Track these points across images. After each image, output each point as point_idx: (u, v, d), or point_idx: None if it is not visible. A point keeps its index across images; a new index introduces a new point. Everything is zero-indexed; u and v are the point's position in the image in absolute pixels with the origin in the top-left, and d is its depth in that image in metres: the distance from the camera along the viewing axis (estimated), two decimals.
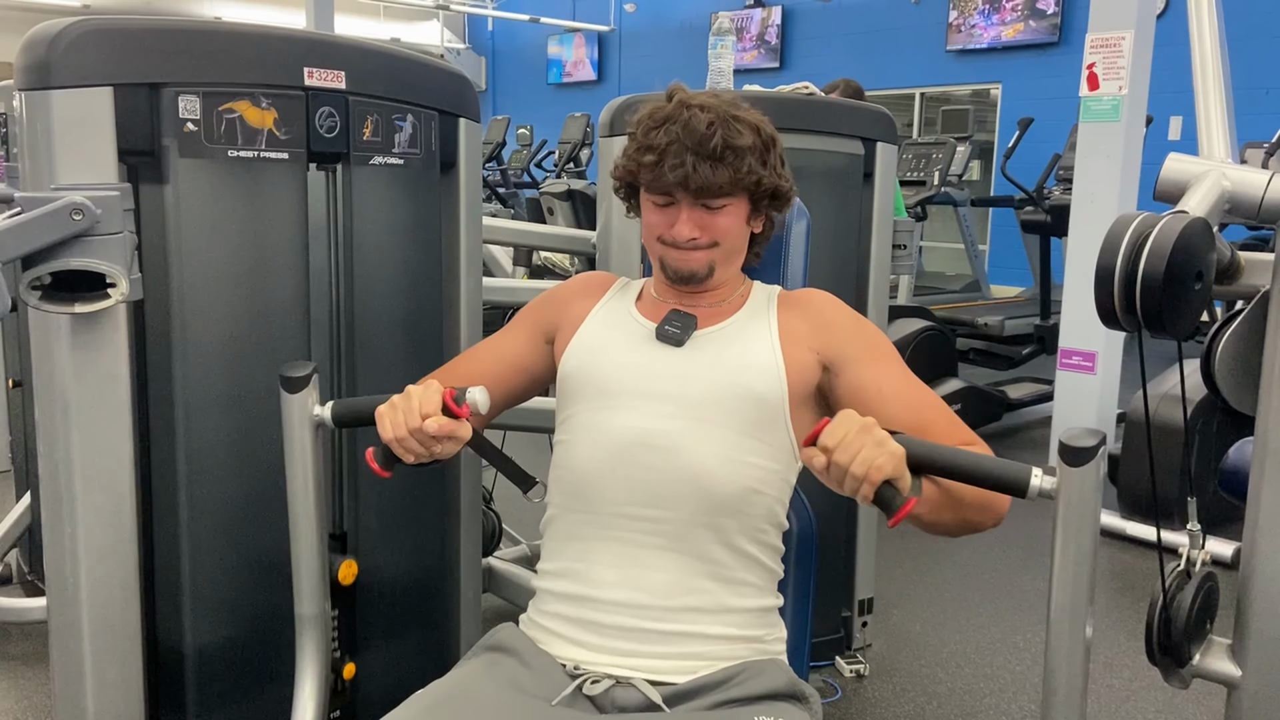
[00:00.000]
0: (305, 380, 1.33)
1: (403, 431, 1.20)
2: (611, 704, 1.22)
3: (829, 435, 1.07)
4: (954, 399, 4.19)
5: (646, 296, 1.44)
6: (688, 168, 1.28)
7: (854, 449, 1.05)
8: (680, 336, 1.34)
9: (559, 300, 1.48)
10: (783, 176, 1.37)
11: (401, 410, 1.21)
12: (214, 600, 1.49)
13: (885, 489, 1.06)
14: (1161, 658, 1.27)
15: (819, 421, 1.09)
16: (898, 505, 1.06)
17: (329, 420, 1.34)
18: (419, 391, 1.22)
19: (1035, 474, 1.06)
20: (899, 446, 1.07)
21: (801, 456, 1.10)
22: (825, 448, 1.07)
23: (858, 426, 1.07)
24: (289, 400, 1.33)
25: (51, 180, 1.28)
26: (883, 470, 1.05)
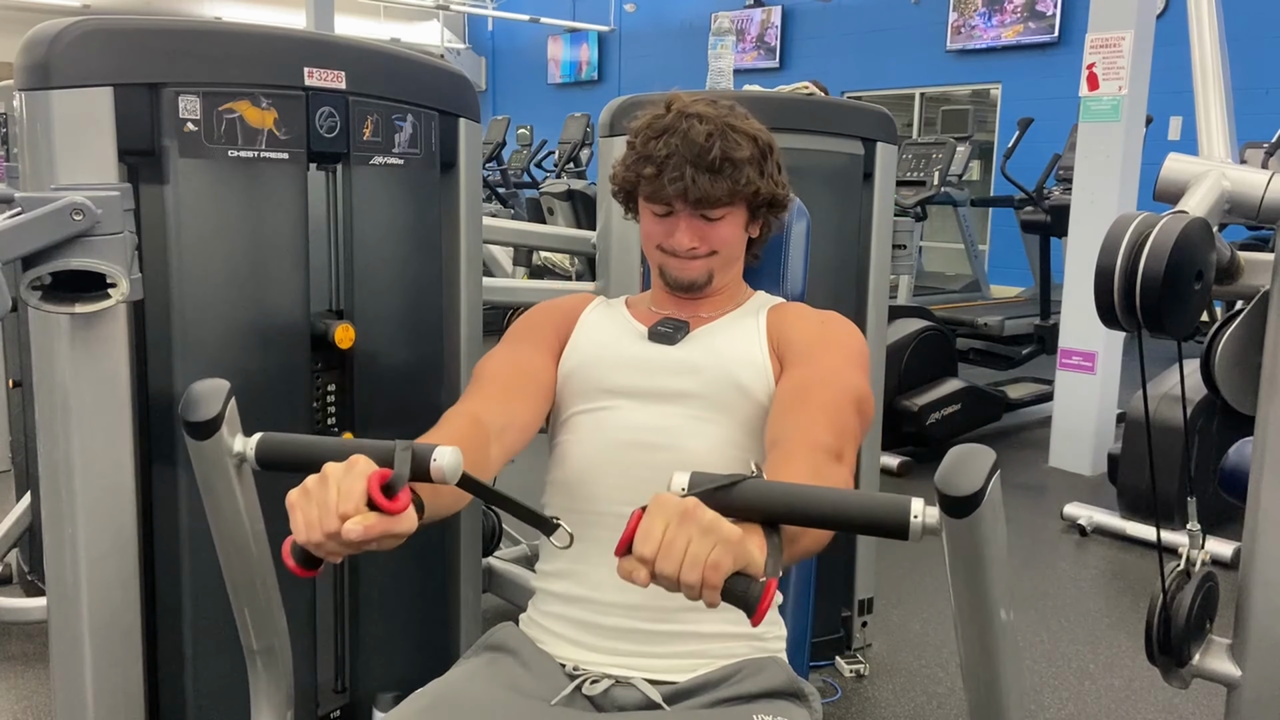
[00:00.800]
0: (218, 421, 1.05)
1: (317, 534, 0.91)
2: (611, 703, 1.22)
3: (642, 542, 0.83)
4: (954, 399, 4.19)
5: (639, 306, 1.46)
6: (687, 180, 1.28)
7: (678, 550, 0.82)
8: (673, 336, 1.36)
9: (565, 307, 1.48)
10: (780, 184, 1.39)
11: (316, 503, 0.92)
12: (214, 599, 1.49)
13: (735, 582, 0.83)
14: (1161, 658, 1.27)
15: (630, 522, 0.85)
16: (754, 598, 0.82)
17: (252, 459, 1.07)
18: (338, 475, 0.92)
19: (915, 512, 0.84)
20: (733, 529, 0.83)
21: (619, 571, 0.85)
22: (642, 558, 0.83)
23: (676, 516, 0.82)
24: (199, 448, 1.07)
25: (52, 180, 1.28)
26: (719, 568, 0.81)
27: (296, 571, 0.97)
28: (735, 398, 1.30)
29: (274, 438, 1.07)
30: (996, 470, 0.80)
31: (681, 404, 1.30)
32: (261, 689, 1.29)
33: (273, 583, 1.21)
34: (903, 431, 4.10)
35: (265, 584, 1.21)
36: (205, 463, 1.08)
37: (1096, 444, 4.05)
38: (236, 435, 1.07)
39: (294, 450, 1.05)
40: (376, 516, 0.91)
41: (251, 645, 1.26)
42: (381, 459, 0.96)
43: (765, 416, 1.29)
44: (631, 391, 1.32)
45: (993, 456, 0.81)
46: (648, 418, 1.30)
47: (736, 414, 1.29)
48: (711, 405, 1.30)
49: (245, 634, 1.25)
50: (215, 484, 1.10)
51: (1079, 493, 3.74)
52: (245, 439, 1.07)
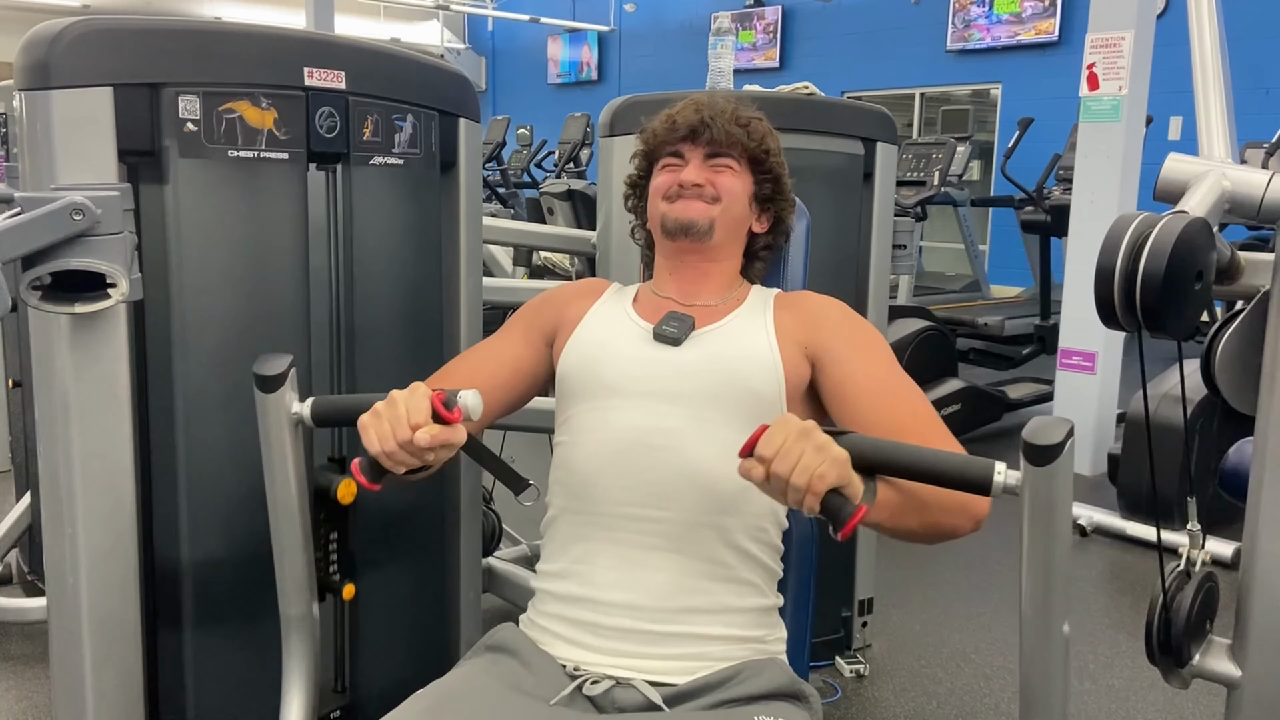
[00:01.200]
0: (282, 378, 1.25)
1: (391, 444, 1.11)
2: (611, 704, 1.22)
3: (765, 444, 0.99)
4: (954, 399, 4.19)
5: (644, 297, 1.44)
6: (704, 117, 1.37)
7: (793, 457, 0.97)
8: (678, 336, 1.34)
9: (557, 302, 1.48)
10: (785, 174, 1.44)
11: (388, 420, 1.12)
12: (214, 600, 1.49)
13: (832, 498, 0.97)
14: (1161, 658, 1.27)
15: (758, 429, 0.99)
16: (846, 515, 0.96)
17: (308, 419, 1.26)
18: (405, 397, 1.13)
19: (999, 470, 0.96)
20: (842, 450, 0.98)
21: (740, 469, 1.00)
22: (762, 457, 0.99)
23: (796, 432, 0.99)
24: (264, 400, 1.26)
25: (51, 180, 1.28)
26: (825, 479, 0.97)
27: (364, 484, 1.15)
28: (742, 398, 1.29)
29: (326, 399, 1.28)
30: (1072, 435, 0.93)
31: (685, 405, 1.29)
32: (294, 655, 1.40)
33: (310, 551, 1.38)
34: None
35: (306, 549, 1.36)
36: (268, 416, 1.27)
37: (1096, 444, 4.05)
38: (294, 400, 1.26)
39: (344, 407, 1.25)
40: (440, 427, 1.12)
41: (288, 610, 1.38)
42: None
43: (772, 413, 1.29)
44: (635, 393, 1.32)
45: (1070, 424, 0.93)
46: (651, 419, 1.29)
47: (743, 414, 1.29)
48: (716, 407, 1.29)
49: (284, 599, 1.37)
50: (274, 438, 1.28)
51: (1079, 493, 3.74)
52: (301, 403, 1.27)
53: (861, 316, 1.42)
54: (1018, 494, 0.95)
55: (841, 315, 1.39)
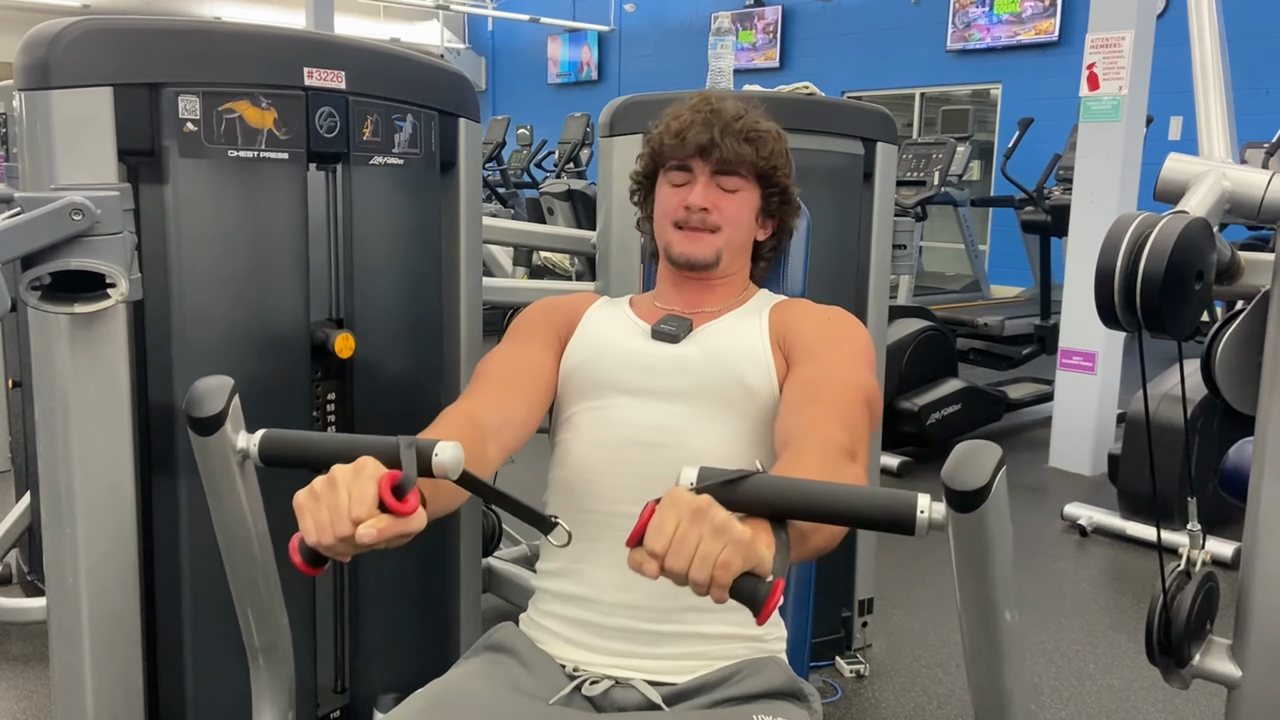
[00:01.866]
0: (220, 418, 1.05)
1: (329, 538, 0.92)
2: (610, 704, 1.22)
3: (653, 535, 0.84)
4: (954, 399, 4.19)
5: (642, 304, 1.46)
6: (714, 135, 1.34)
7: (689, 547, 0.82)
8: (675, 334, 1.36)
9: (567, 305, 1.48)
10: (793, 180, 1.43)
11: (327, 507, 0.92)
12: (214, 599, 1.49)
13: (743, 582, 0.83)
14: (1161, 658, 1.27)
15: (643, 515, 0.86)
16: (763, 597, 0.83)
17: (256, 457, 1.07)
18: (348, 481, 0.93)
19: (921, 508, 0.84)
20: (743, 530, 0.83)
21: (629, 563, 0.87)
22: (653, 553, 0.84)
23: (689, 513, 0.83)
24: (203, 444, 1.07)
25: (51, 180, 1.28)
26: (730, 568, 0.82)
27: (303, 569, 0.97)
28: (738, 395, 1.30)
29: (277, 434, 1.07)
30: (1003, 466, 0.81)
31: (684, 402, 1.30)
32: (264, 687, 1.28)
33: (275, 580, 1.21)
34: (903, 432, 4.10)
35: (268, 581, 1.20)
36: (209, 458, 1.09)
37: (1096, 444, 4.05)
38: (240, 431, 1.07)
39: (297, 446, 1.05)
40: (389, 519, 0.92)
41: (254, 643, 1.25)
42: (385, 455, 0.96)
43: (768, 414, 1.29)
44: (633, 390, 1.32)
45: (999, 452, 0.81)
46: (650, 416, 1.29)
47: (740, 412, 1.29)
48: (714, 403, 1.29)
49: (247, 631, 1.24)
50: (219, 480, 1.10)
51: (1079, 493, 3.74)
52: (249, 435, 1.07)
53: (854, 321, 1.38)
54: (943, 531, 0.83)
55: (820, 319, 1.36)
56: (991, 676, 0.91)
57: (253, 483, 1.13)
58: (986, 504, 0.80)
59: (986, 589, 0.86)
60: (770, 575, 0.84)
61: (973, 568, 0.85)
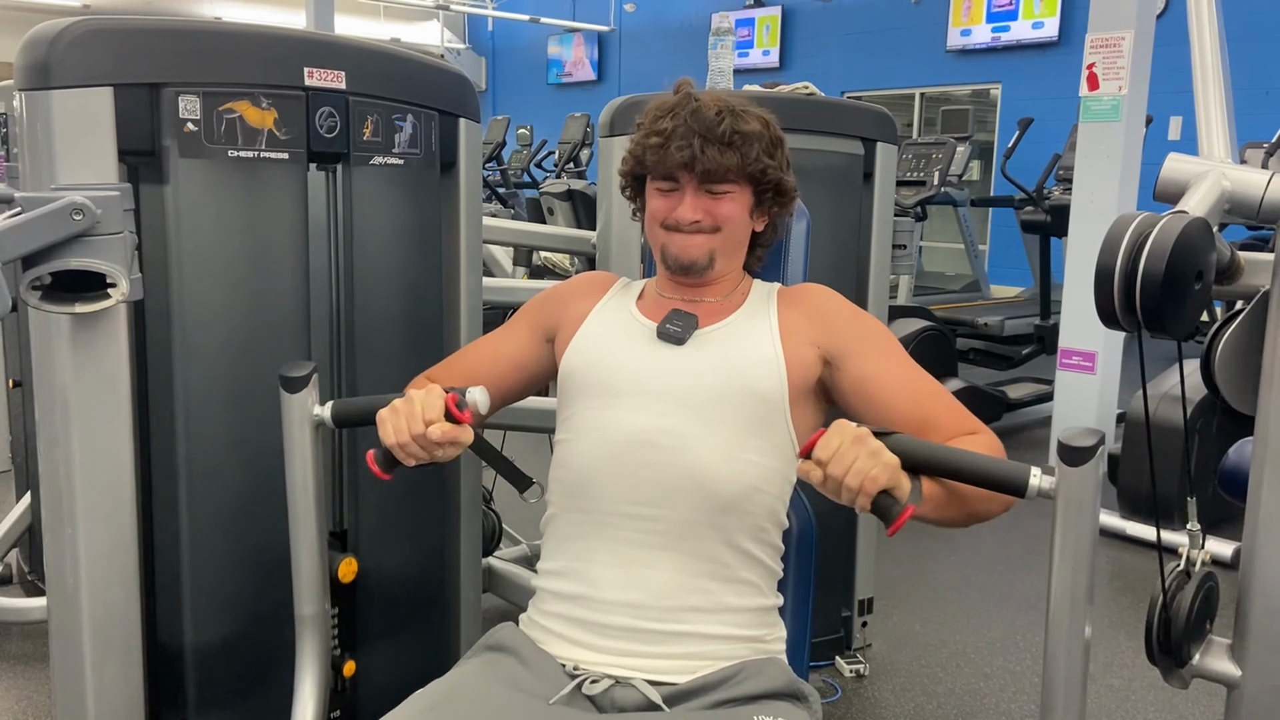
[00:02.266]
0: (305, 380, 1.32)
1: (405, 437, 1.21)
2: (611, 704, 1.22)
3: (822, 448, 1.08)
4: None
5: (648, 295, 1.44)
6: (695, 149, 1.30)
7: (848, 461, 1.06)
8: (681, 335, 1.34)
9: (560, 299, 1.47)
10: (788, 174, 1.39)
11: (404, 415, 1.21)
12: (214, 599, 1.49)
13: (882, 498, 1.06)
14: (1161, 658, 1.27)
15: (816, 428, 1.08)
16: (895, 514, 1.06)
17: (329, 420, 1.34)
18: (420, 396, 1.22)
19: (1034, 474, 1.06)
20: (893, 456, 1.07)
21: (798, 471, 1.10)
22: (819, 460, 1.07)
23: (851, 437, 1.07)
24: (289, 400, 1.33)
25: (52, 180, 1.28)
26: (877, 481, 1.06)
27: (377, 473, 1.25)
28: (744, 400, 1.29)
29: (345, 401, 1.36)
30: (1104, 443, 1.03)
31: (687, 405, 1.29)
32: (307, 654, 1.42)
33: (324, 554, 1.41)
34: None
35: (321, 549, 1.40)
36: (292, 415, 1.33)
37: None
38: (315, 403, 1.34)
39: (363, 408, 1.31)
40: (450, 425, 1.21)
41: (302, 610, 1.41)
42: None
43: (775, 413, 1.29)
44: (636, 392, 1.31)
45: (1102, 433, 1.03)
46: (652, 418, 1.29)
47: (744, 414, 1.29)
48: (719, 407, 1.29)
49: (298, 598, 1.41)
50: (295, 438, 1.34)
51: None
52: (322, 406, 1.34)
53: (863, 309, 1.43)
54: (1051, 496, 1.04)
55: (851, 313, 1.39)
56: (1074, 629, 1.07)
57: (320, 447, 1.36)
58: (1092, 461, 1.01)
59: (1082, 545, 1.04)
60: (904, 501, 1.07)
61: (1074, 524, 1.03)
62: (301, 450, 1.35)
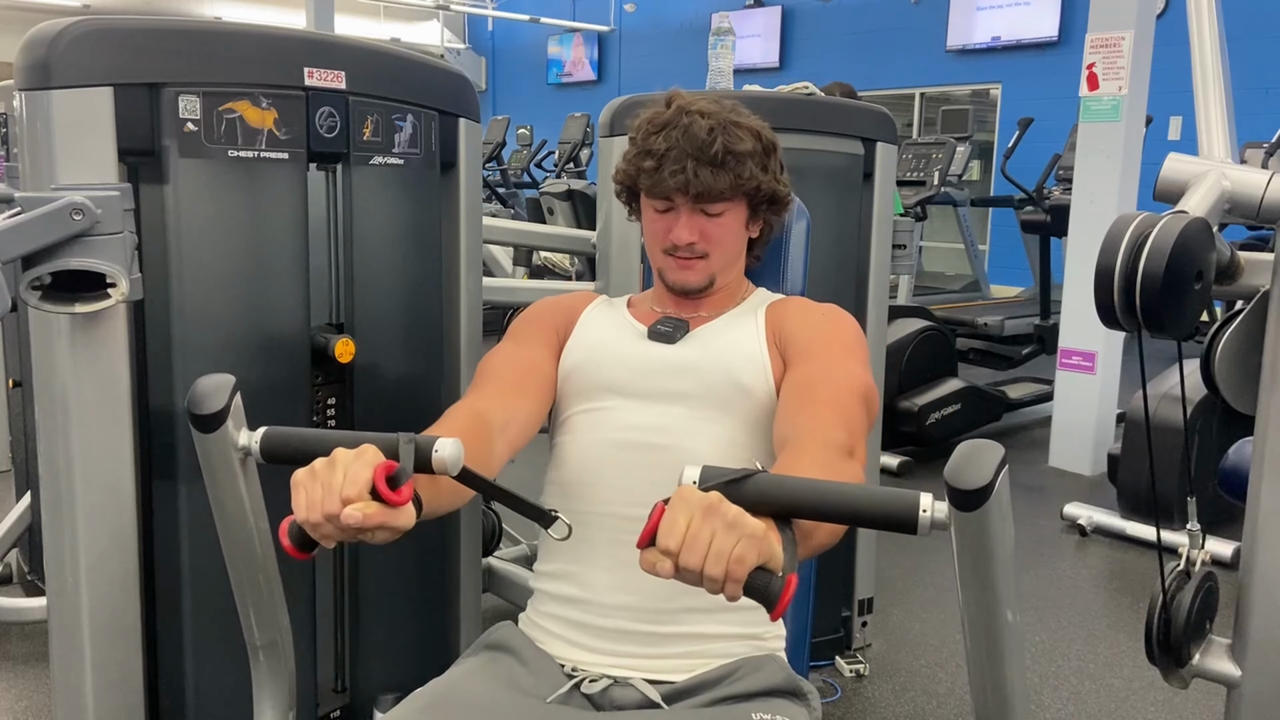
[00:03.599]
0: (222, 415, 1.06)
1: (317, 514, 0.93)
2: (609, 702, 1.22)
3: (666, 534, 0.84)
4: (954, 399, 4.19)
5: (639, 304, 1.46)
6: (688, 173, 1.29)
7: (702, 543, 0.82)
8: (672, 335, 1.36)
9: (561, 306, 1.48)
10: (781, 182, 1.40)
11: (321, 484, 0.94)
12: (214, 600, 1.49)
13: (755, 577, 0.84)
14: (1161, 657, 1.27)
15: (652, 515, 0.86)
16: (776, 592, 0.83)
17: (257, 453, 1.08)
18: (346, 461, 0.95)
19: (924, 507, 0.84)
20: (755, 522, 0.84)
21: (641, 564, 0.86)
22: (667, 550, 0.83)
23: (700, 510, 0.83)
24: (204, 440, 1.08)
25: (51, 180, 1.28)
26: (744, 562, 0.82)
27: (291, 552, 0.98)
28: (735, 396, 1.30)
29: (279, 431, 1.08)
30: (1005, 465, 0.81)
31: (681, 404, 1.30)
32: (264, 685, 1.29)
33: (276, 578, 1.21)
34: (902, 431, 4.10)
35: (269, 579, 1.21)
36: (210, 456, 1.09)
37: (1096, 444, 4.05)
38: (242, 429, 1.08)
39: (299, 444, 1.05)
40: (378, 506, 0.93)
41: (254, 641, 1.26)
42: (386, 450, 0.98)
43: (765, 414, 1.29)
44: (631, 391, 1.32)
45: (1001, 452, 0.82)
46: (647, 418, 1.29)
47: (736, 413, 1.29)
48: (711, 404, 1.29)
49: (248, 629, 1.25)
50: (220, 477, 1.11)
51: (1079, 493, 3.74)
52: (250, 433, 1.08)
53: (848, 318, 1.38)
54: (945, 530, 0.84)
55: (817, 318, 1.36)
56: (993, 675, 0.92)
57: (254, 481, 1.13)
58: (989, 503, 0.80)
59: (989, 588, 0.87)
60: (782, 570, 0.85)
61: (975, 566, 0.85)
62: (231, 489, 1.11)
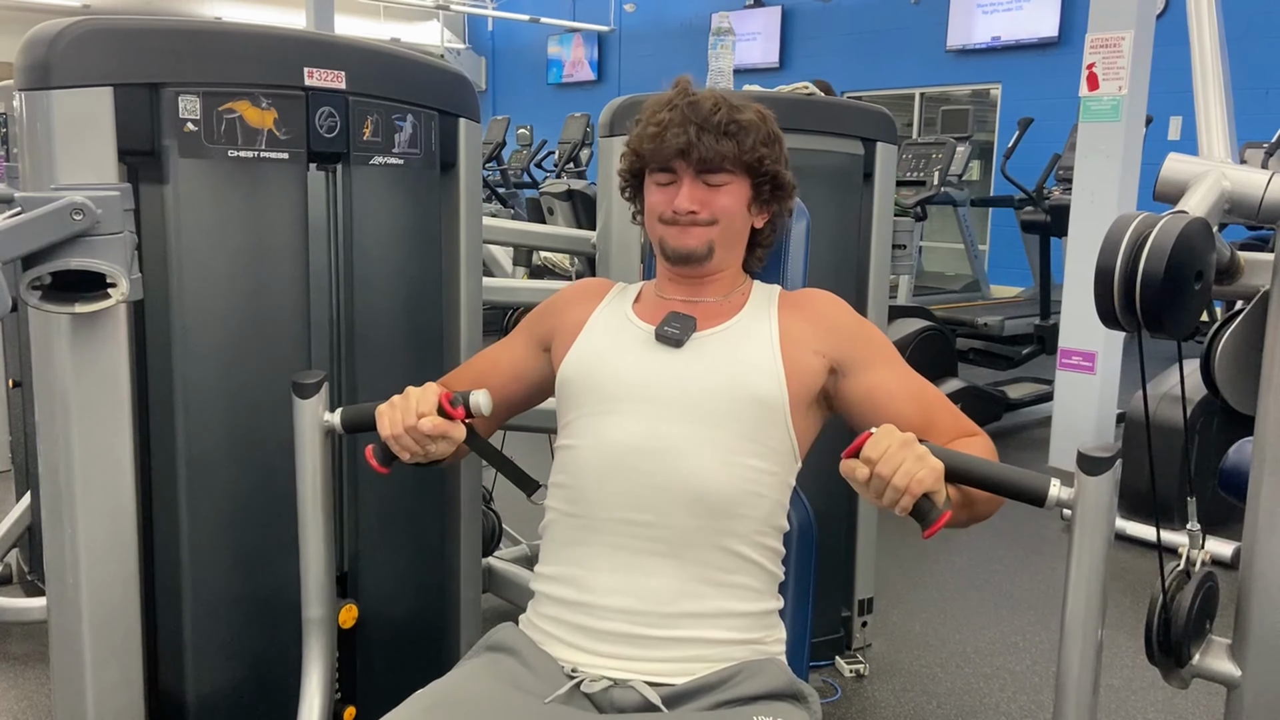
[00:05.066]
0: (316, 387, 1.37)
1: (399, 429, 1.25)
2: (610, 704, 1.22)
3: (872, 448, 1.10)
4: (954, 399, 4.14)
5: (646, 298, 1.43)
6: (690, 136, 1.31)
7: (896, 462, 1.09)
8: (679, 338, 1.34)
9: (556, 308, 1.47)
10: (785, 168, 1.39)
11: (399, 409, 1.27)
12: (214, 600, 1.49)
13: (923, 501, 1.10)
14: (1161, 658, 1.27)
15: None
16: (934, 518, 1.10)
17: (338, 426, 1.38)
18: (417, 392, 1.28)
19: (1054, 484, 1.12)
20: (938, 461, 1.11)
21: (842, 469, 1.12)
22: (869, 459, 1.10)
23: (899, 441, 1.10)
24: (301, 406, 1.37)
25: (52, 180, 1.28)
26: (923, 484, 1.09)
27: (375, 467, 1.30)
28: (745, 406, 1.29)
29: (353, 408, 1.39)
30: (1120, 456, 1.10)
31: (686, 412, 1.29)
32: (314, 657, 1.44)
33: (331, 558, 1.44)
34: None
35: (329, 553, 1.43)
36: (303, 420, 1.37)
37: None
38: (324, 410, 1.38)
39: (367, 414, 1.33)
40: (441, 420, 1.26)
41: (310, 613, 1.43)
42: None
43: (772, 417, 1.29)
44: (635, 399, 1.31)
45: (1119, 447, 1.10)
46: (651, 425, 1.28)
47: (743, 421, 1.28)
48: (717, 414, 1.28)
49: (306, 601, 1.43)
50: (306, 443, 1.38)
51: None
52: (332, 413, 1.38)
53: (860, 314, 1.44)
54: (1069, 506, 1.10)
55: (855, 322, 1.40)
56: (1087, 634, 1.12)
57: (329, 452, 1.41)
58: (1110, 470, 1.08)
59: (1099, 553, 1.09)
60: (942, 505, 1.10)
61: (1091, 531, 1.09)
62: (313, 455, 1.39)
